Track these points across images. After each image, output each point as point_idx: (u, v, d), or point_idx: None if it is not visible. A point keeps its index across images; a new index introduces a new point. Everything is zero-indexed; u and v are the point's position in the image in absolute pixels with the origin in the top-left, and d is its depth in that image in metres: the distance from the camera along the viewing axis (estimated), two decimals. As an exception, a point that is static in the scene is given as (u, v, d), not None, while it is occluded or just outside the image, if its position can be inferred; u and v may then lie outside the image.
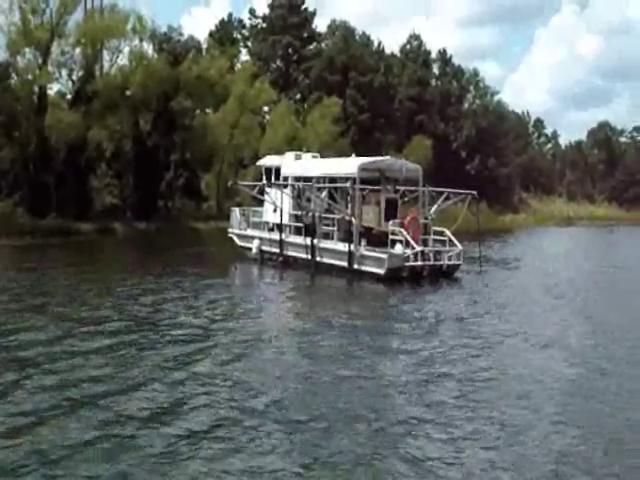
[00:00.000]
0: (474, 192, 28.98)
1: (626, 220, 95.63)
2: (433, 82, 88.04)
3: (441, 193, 28.67)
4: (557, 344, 15.25)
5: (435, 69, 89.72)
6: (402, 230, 25.32)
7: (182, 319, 17.31)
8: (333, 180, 28.54)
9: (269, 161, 33.06)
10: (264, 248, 30.80)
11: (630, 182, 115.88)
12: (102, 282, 23.80)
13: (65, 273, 26.46)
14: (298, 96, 75.45)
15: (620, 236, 65.57)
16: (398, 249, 25.00)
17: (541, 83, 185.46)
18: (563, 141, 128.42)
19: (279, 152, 36.86)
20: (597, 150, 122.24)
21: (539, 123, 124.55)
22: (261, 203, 33.23)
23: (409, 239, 24.97)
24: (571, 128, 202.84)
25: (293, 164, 31.19)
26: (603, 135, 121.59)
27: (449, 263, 26.05)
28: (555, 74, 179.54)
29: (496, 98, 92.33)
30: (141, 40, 51.78)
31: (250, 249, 31.32)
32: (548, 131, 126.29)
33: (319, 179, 28.73)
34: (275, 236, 30.07)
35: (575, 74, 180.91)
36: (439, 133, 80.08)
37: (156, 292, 21.52)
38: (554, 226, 76.73)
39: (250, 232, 32.35)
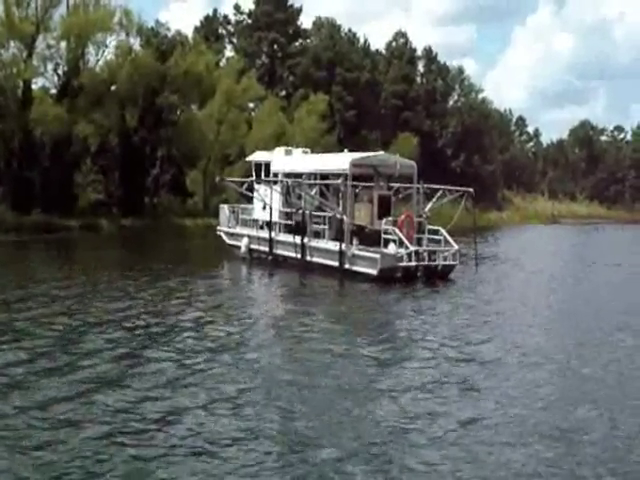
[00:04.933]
0: (470, 189, 28.14)
1: (608, 218, 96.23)
2: (418, 79, 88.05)
3: (436, 190, 27.92)
4: (546, 356, 14.41)
5: (420, 67, 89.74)
6: (395, 229, 24.58)
7: (161, 321, 16.59)
8: (324, 176, 27.63)
9: (259, 157, 32.30)
10: (253, 247, 30.12)
11: (611, 181, 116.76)
12: (82, 281, 23.05)
13: (42, 270, 25.97)
14: (283, 93, 75.05)
15: (607, 235, 65.66)
16: (391, 249, 24.23)
17: (518, 82, 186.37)
18: (542, 139, 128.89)
19: (266, 149, 36.38)
20: (578, 148, 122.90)
21: (521, 121, 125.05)
22: (249, 200, 32.67)
23: (403, 238, 24.20)
24: (548, 126, 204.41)
25: (283, 160, 30.49)
26: (584, 134, 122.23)
27: (444, 263, 25.22)
28: (532, 73, 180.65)
29: (481, 96, 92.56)
30: (127, 34, 51.32)
31: (239, 247, 30.65)
32: (530, 129, 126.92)
33: (310, 175, 27.94)
34: (264, 234, 29.35)
35: (552, 73, 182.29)
36: (424, 130, 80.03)
37: (136, 292, 20.81)
38: (539, 224, 76.87)
39: (239, 230, 31.67)
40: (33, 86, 47.67)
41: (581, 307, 21.53)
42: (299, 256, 26.62)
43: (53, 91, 49.99)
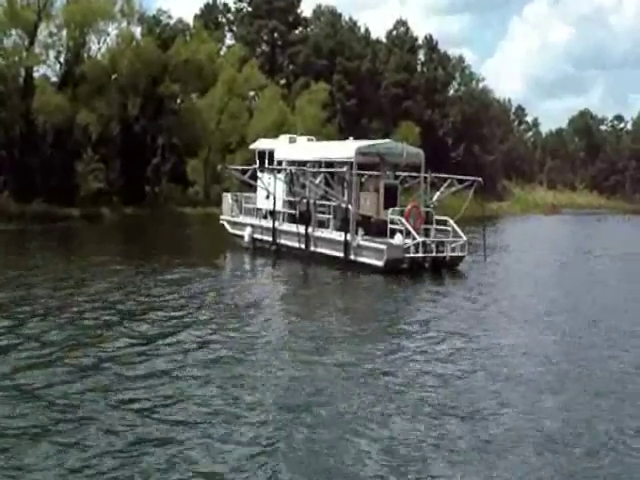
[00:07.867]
0: (479, 179, 27.45)
1: (608, 209, 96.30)
2: (419, 68, 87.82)
3: (444, 180, 27.26)
4: (558, 349, 14.09)
5: (421, 55, 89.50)
6: (402, 219, 23.92)
7: (162, 313, 16.09)
8: (329, 165, 26.89)
9: (262, 144, 31.57)
10: (256, 236, 29.54)
11: (611, 170, 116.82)
12: (81, 270, 22.57)
13: (41, 259, 25.68)
14: (284, 81, 74.88)
15: (610, 225, 65.61)
16: (398, 239, 23.61)
17: (515, 72, 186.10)
18: (541, 129, 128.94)
19: (266, 137, 36.03)
20: (578, 138, 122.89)
21: (520, 111, 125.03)
22: (251, 189, 32.13)
23: (410, 229, 23.59)
24: (546, 116, 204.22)
25: (287, 148, 29.80)
26: (584, 123, 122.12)
27: (452, 255, 24.47)
28: (529, 63, 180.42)
29: (481, 85, 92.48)
30: (129, 23, 51.14)
31: (242, 237, 30.14)
32: (529, 119, 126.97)
33: (314, 164, 27.24)
34: (268, 224, 28.80)
35: (549, 62, 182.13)
36: (425, 120, 79.86)
37: (137, 281, 20.46)
38: (540, 214, 76.77)
39: (242, 219, 31.12)
40: (35, 74, 47.56)
41: (588, 298, 21.23)
42: (303, 246, 25.96)
43: (54, 79, 49.84)
